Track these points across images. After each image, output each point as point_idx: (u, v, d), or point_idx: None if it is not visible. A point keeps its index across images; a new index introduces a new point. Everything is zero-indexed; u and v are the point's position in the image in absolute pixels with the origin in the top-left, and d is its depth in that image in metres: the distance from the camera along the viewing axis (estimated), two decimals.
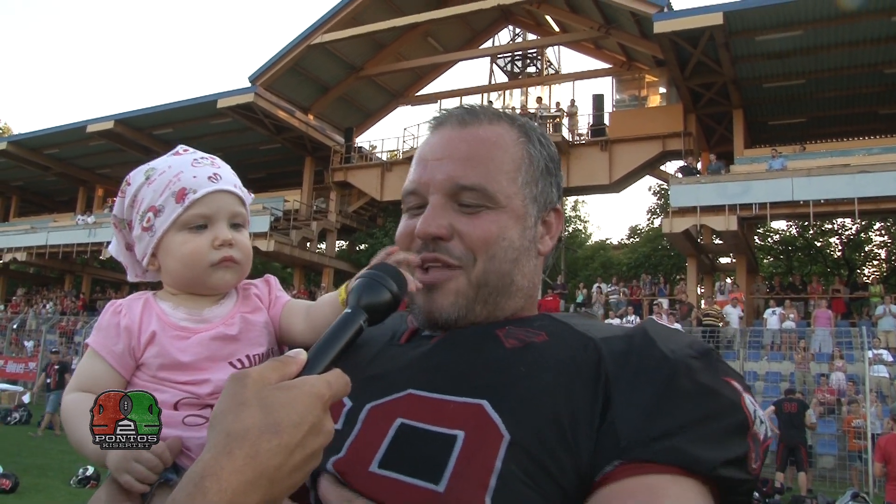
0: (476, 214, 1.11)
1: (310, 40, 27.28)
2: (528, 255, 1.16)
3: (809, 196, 19.13)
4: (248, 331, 1.17)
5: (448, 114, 1.20)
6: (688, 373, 0.93)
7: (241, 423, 0.76)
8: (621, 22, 24.85)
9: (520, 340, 1.04)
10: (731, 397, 0.93)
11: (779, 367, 17.91)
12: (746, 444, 0.91)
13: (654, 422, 0.89)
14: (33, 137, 32.74)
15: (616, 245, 43.75)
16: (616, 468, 0.87)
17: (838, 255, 34.80)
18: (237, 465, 0.74)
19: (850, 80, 22.36)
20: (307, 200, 30.10)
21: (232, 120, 27.92)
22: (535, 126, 1.23)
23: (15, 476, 9.28)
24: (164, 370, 1.11)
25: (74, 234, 30.73)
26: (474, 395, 0.95)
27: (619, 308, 21.95)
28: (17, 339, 28.68)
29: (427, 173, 1.14)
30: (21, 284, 37.00)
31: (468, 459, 0.89)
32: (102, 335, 1.15)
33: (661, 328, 1.04)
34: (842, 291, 21.67)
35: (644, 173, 26.39)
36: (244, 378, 0.81)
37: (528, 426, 0.91)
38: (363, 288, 1.00)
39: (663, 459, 0.86)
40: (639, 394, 0.92)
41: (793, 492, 12.81)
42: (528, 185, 1.16)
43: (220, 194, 1.18)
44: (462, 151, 1.13)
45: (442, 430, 0.93)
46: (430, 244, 1.11)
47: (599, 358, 0.97)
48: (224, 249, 1.16)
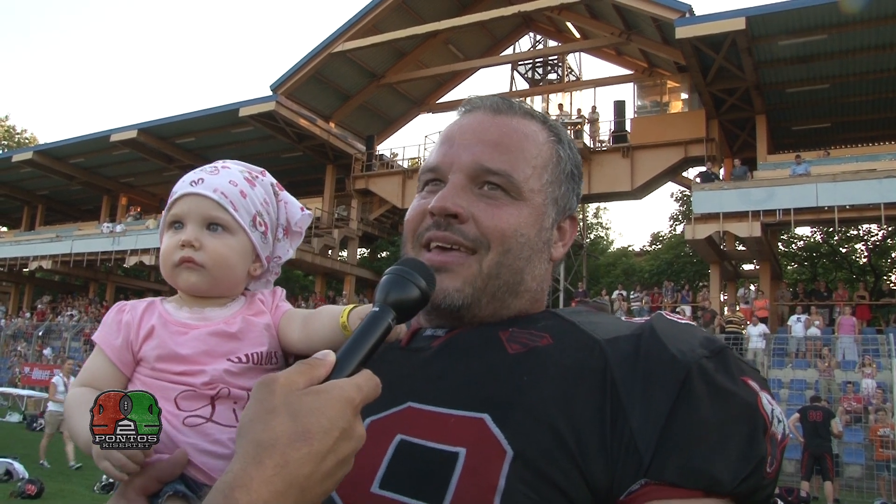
0: (495, 202, 1.07)
1: (331, 48, 27.42)
2: (541, 256, 1.12)
3: (834, 202, 18.89)
4: (248, 330, 1.17)
5: (481, 100, 1.17)
6: (701, 375, 0.89)
7: (271, 432, 0.75)
8: (642, 28, 24.74)
9: (523, 345, 1.00)
10: (747, 399, 0.90)
11: (804, 375, 17.71)
12: (764, 447, 0.88)
13: (673, 435, 0.86)
14: (58, 147, 33.18)
15: (638, 252, 43.59)
16: (642, 488, 0.85)
17: (864, 262, 34.40)
18: (267, 475, 0.73)
19: (876, 84, 22.11)
20: (329, 208, 30.21)
21: (254, 128, 28.09)
22: (565, 130, 1.19)
23: (40, 481, 9.38)
24: (162, 361, 1.12)
25: (99, 243, 31.06)
26: (475, 409, 0.92)
27: (642, 315, 21.77)
28: (43, 347, 29.01)
29: (452, 152, 1.11)
30: (46, 292, 37.39)
31: (470, 478, 0.86)
32: (105, 330, 1.17)
33: (669, 325, 0.99)
34: (866, 298, 21.39)
35: (666, 180, 26.25)
36: (272, 384, 0.79)
37: (532, 440, 0.88)
38: (390, 284, 0.94)
39: (686, 483, 0.84)
40: (652, 402, 0.88)
41: (819, 502, 12.65)
42: (553, 185, 1.13)
43: (193, 197, 1.19)
44: (492, 136, 1.10)
45: (442, 446, 0.90)
46: (442, 223, 1.07)
47: (605, 363, 0.94)
48: (186, 250, 1.17)
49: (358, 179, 29.74)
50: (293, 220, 1.30)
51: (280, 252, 1.30)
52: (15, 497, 8.90)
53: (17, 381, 25.80)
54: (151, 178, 34.69)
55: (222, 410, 1.11)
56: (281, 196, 1.29)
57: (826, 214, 19.31)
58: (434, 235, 1.07)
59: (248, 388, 1.12)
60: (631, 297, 23.57)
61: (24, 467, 10.44)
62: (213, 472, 1.07)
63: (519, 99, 1.24)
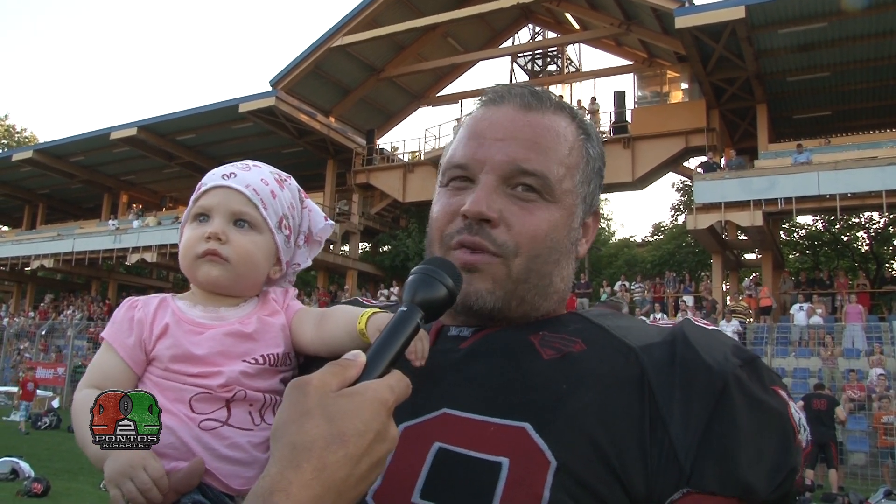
0: (528, 205, 1.04)
1: (330, 43, 27.39)
2: (569, 257, 1.10)
3: (836, 190, 18.86)
4: (264, 331, 1.14)
5: (509, 91, 1.12)
6: (738, 386, 0.90)
7: (306, 435, 0.75)
8: (642, 18, 24.68)
9: (556, 350, 0.98)
10: (780, 409, 0.91)
11: (807, 364, 17.70)
12: (796, 458, 0.90)
13: (712, 444, 0.87)
14: (59, 145, 33.15)
15: (640, 242, 43.58)
16: (683, 497, 0.86)
17: (866, 250, 34.37)
18: (305, 479, 0.72)
19: (877, 71, 22.05)
20: (330, 203, 30.16)
21: (254, 124, 28.06)
22: (592, 124, 1.17)
23: (46, 480, 9.39)
24: (177, 362, 1.09)
25: (100, 241, 31.10)
26: (515, 417, 0.90)
27: (644, 306, 21.82)
28: (46, 345, 29.04)
29: (483, 150, 1.06)
30: (49, 291, 37.45)
31: (515, 489, 0.84)
32: (116, 328, 1.13)
33: (699, 332, 0.98)
34: (867, 286, 21.36)
35: (667, 170, 26.22)
36: (305, 386, 0.78)
37: (575, 450, 0.87)
38: (418, 283, 0.93)
39: (725, 492, 0.85)
40: (691, 412, 0.89)
41: (823, 489, 12.65)
42: (583, 185, 1.11)
43: (224, 190, 1.16)
44: (527, 135, 1.06)
45: (484, 456, 0.88)
46: (474, 226, 1.03)
47: (642, 371, 0.93)
48: (211, 243, 1.14)
49: (359, 174, 29.74)
50: (315, 229, 1.28)
51: (299, 259, 1.27)
52: (21, 496, 8.91)
53: (20, 380, 25.82)
54: (152, 175, 34.70)
55: (238, 413, 1.08)
56: (306, 203, 1.27)
57: (828, 203, 19.28)
58: (465, 240, 1.04)
59: (263, 389, 1.10)
60: (633, 287, 23.55)
61: (29, 466, 10.45)
62: (228, 478, 1.04)
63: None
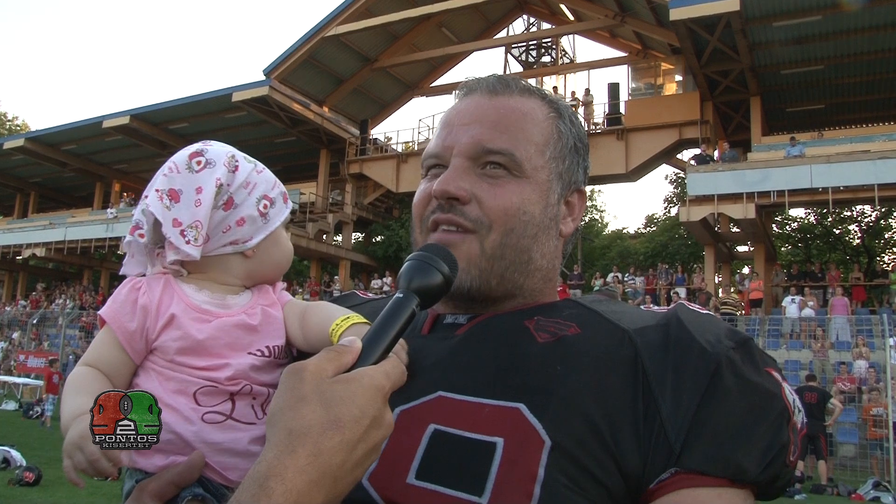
0: (498, 182, 1.06)
1: (324, 32, 27.32)
2: (549, 233, 1.11)
3: (828, 183, 18.97)
4: (267, 323, 1.14)
5: (478, 81, 1.16)
6: (730, 367, 0.91)
7: (303, 420, 0.75)
8: (636, 10, 24.68)
9: (551, 334, 0.99)
10: (773, 390, 0.92)
11: (798, 356, 17.80)
12: (787, 436, 0.90)
13: (703, 425, 0.87)
14: (50, 134, 32.99)
15: (633, 234, 43.67)
16: (671, 476, 0.86)
17: (857, 243, 34.51)
18: (301, 465, 0.73)
19: (871, 65, 22.11)
20: (323, 193, 30.13)
21: (247, 113, 27.95)
22: (567, 105, 1.18)
23: (38, 469, 9.35)
24: (183, 354, 1.07)
25: (92, 230, 31.02)
26: (510, 398, 0.91)
27: (637, 297, 21.89)
28: (38, 334, 28.99)
29: (452, 137, 1.10)
30: (41, 280, 37.34)
31: (510, 468, 0.85)
32: (117, 308, 1.09)
33: (693, 315, 1.00)
34: (861, 279, 21.47)
35: (661, 162, 26.26)
36: (301, 371, 0.79)
37: (569, 430, 0.88)
38: (413, 270, 0.94)
39: (714, 471, 0.86)
40: (683, 392, 0.89)
41: (813, 480, 12.75)
42: (556, 160, 1.12)
43: None
44: (491, 117, 1.09)
45: (479, 436, 0.89)
46: (445, 205, 1.06)
47: (636, 353, 0.94)
48: None
49: (352, 164, 29.70)
50: None
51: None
52: (13, 484, 8.88)
53: (12, 369, 25.79)
54: (144, 164, 34.49)
55: (242, 407, 1.07)
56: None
57: (820, 196, 19.37)
58: (438, 218, 1.06)
59: (267, 383, 1.09)
60: (626, 279, 23.61)
61: (21, 454, 10.42)
62: (230, 472, 1.04)
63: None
